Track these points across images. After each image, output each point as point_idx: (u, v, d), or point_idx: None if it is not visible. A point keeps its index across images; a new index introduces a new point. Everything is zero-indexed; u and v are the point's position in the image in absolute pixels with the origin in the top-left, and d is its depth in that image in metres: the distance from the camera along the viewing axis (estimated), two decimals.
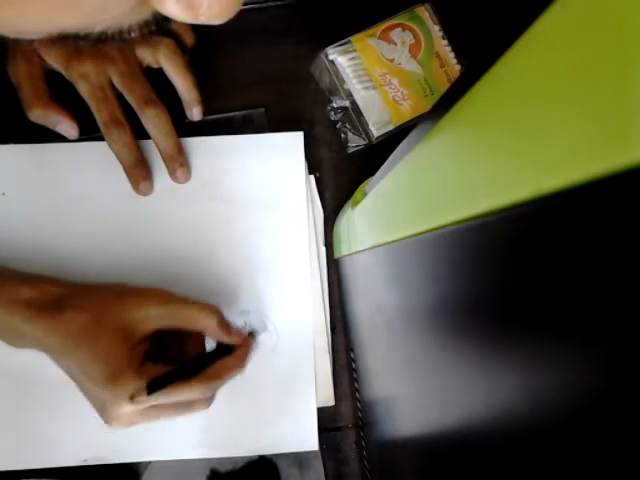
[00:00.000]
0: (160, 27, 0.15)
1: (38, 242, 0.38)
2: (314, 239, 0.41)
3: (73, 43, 0.15)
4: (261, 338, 0.39)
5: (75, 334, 0.29)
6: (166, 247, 0.39)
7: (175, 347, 0.35)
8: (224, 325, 0.33)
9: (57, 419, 0.36)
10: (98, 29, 0.14)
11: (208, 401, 0.33)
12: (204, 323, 0.32)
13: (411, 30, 0.40)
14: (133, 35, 0.15)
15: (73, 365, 0.29)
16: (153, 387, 0.29)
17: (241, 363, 0.33)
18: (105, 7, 0.13)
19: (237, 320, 0.39)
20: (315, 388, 0.39)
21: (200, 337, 0.35)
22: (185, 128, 0.39)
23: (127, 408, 0.29)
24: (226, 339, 0.33)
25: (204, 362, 0.32)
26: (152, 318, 0.31)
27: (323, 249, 0.41)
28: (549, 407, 0.11)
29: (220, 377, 0.31)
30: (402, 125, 0.40)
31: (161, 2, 0.13)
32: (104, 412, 0.29)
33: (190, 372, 0.30)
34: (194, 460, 0.38)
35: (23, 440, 0.36)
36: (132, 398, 0.28)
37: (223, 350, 0.33)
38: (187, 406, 0.31)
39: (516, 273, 0.12)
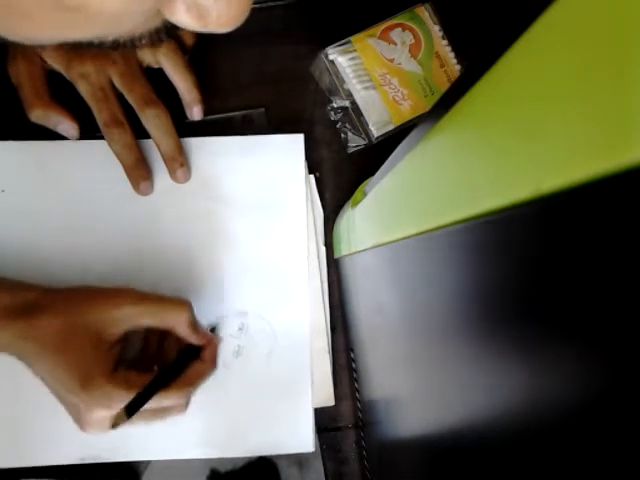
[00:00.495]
0: (169, 34, 0.16)
1: (37, 239, 0.38)
2: (314, 239, 0.41)
3: (86, 50, 0.16)
4: (258, 340, 0.39)
5: (47, 341, 0.29)
6: (165, 247, 0.39)
7: (153, 345, 0.35)
8: (193, 325, 0.33)
9: (53, 417, 0.36)
10: (111, 38, 0.15)
11: (184, 406, 0.33)
12: (175, 320, 0.32)
13: (411, 30, 0.40)
14: (144, 42, 0.16)
15: (46, 372, 0.29)
16: (132, 409, 0.29)
17: (211, 365, 0.33)
18: (121, 21, 0.14)
19: (234, 321, 0.39)
20: (311, 390, 0.39)
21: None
22: (185, 128, 0.39)
23: (101, 414, 0.29)
24: (194, 339, 0.33)
25: (177, 369, 0.32)
26: (124, 318, 0.31)
27: (323, 249, 0.41)
28: (550, 407, 0.11)
29: (193, 384, 0.32)
30: (402, 125, 0.40)
31: (172, 12, 0.14)
32: (78, 418, 0.30)
33: (164, 382, 0.30)
34: (194, 460, 0.38)
35: (19, 438, 0.36)
36: (114, 426, 0.29)
37: (191, 353, 0.33)
38: (163, 412, 0.32)
39: (516, 273, 0.12)
